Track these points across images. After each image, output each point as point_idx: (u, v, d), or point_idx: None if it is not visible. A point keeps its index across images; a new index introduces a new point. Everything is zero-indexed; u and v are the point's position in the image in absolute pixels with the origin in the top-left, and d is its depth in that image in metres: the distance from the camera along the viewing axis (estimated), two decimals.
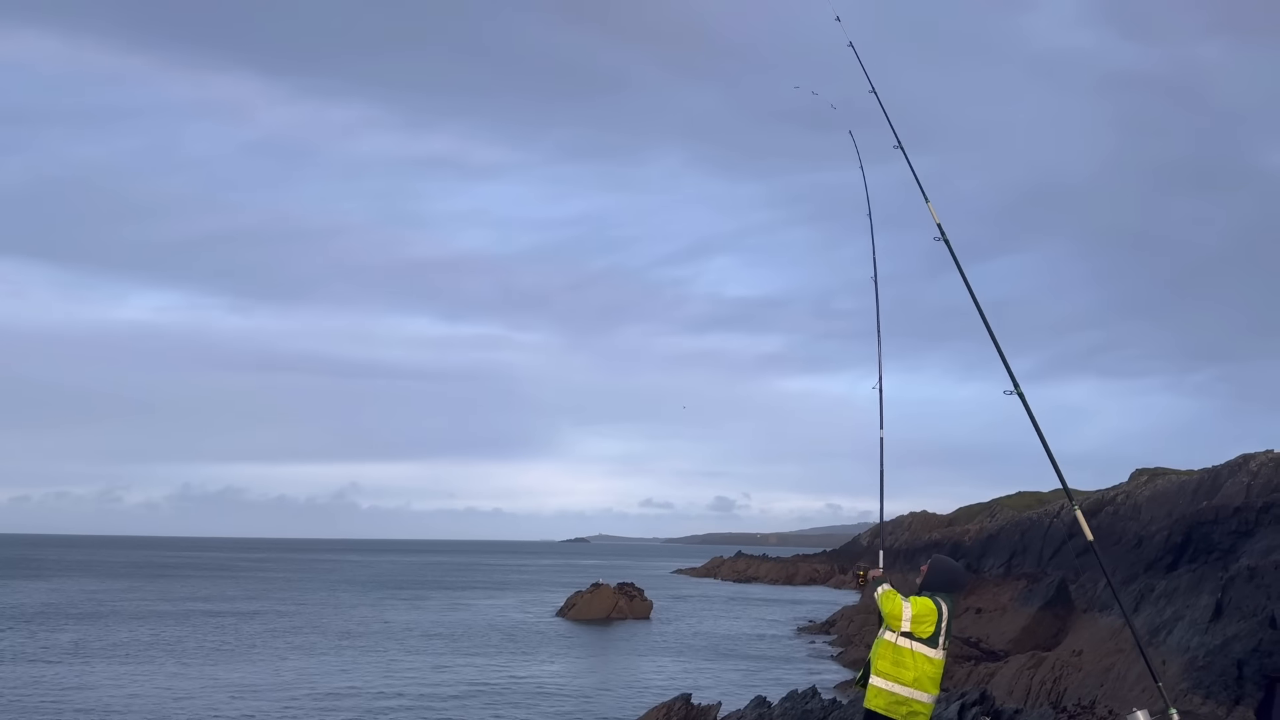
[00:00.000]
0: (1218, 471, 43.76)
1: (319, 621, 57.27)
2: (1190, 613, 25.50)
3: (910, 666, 7.91)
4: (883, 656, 8.01)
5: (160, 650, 42.52)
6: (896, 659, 7.95)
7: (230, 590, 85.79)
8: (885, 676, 7.95)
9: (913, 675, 7.89)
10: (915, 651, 7.91)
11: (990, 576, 56.69)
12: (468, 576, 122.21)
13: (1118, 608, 31.50)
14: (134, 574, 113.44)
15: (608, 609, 62.12)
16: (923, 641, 7.91)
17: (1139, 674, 25.76)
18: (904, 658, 7.93)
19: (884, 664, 7.98)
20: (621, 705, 30.06)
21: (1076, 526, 48.98)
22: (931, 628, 7.93)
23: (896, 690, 7.92)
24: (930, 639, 7.92)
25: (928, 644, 7.92)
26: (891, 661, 7.96)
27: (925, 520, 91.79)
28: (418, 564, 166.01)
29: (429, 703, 30.83)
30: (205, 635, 48.75)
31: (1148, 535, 42.62)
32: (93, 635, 47.92)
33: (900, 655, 7.93)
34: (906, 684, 7.90)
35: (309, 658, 40.89)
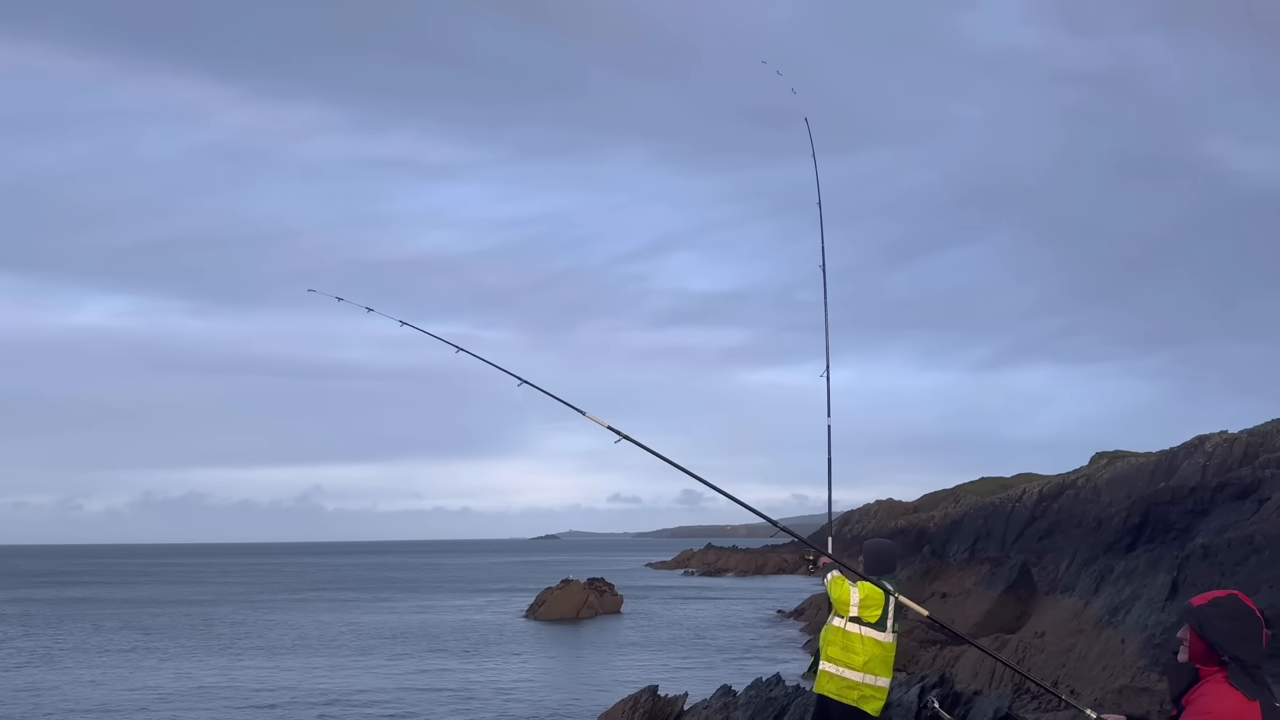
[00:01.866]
0: (1174, 453, 44.52)
1: (281, 625, 56.71)
2: (1148, 591, 25.92)
3: (860, 651, 7.99)
4: (832, 643, 8.09)
5: (118, 655, 41.89)
6: (846, 644, 8.04)
7: (192, 595, 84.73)
8: (835, 662, 8.04)
9: (863, 660, 7.97)
10: (864, 636, 8.02)
11: (955, 561, 57.30)
12: (436, 576, 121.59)
13: (1079, 589, 31.95)
14: (94, 582, 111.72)
15: (578, 605, 62.04)
16: (871, 626, 8.03)
17: (1099, 653, 26.16)
18: (853, 643, 8.02)
19: (834, 650, 8.07)
20: (590, 700, 30.04)
21: (1039, 510, 49.94)
22: (879, 611, 8.07)
23: (847, 675, 8.00)
24: (878, 623, 8.05)
25: (876, 628, 8.04)
26: (841, 647, 8.04)
27: (891, 508, 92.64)
28: (385, 565, 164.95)
29: (395, 705, 30.63)
30: (165, 640, 48.10)
31: (1107, 517, 43.28)
32: (54, 642, 47.12)
33: (849, 640, 8.03)
34: (857, 668, 7.98)
35: (270, 661, 40.46)
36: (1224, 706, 4.01)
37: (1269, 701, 4.04)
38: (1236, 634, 4.11)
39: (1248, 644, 4.12)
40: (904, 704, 15.12)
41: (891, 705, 15.31)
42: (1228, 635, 4.12)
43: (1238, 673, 4.07)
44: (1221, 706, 4.02)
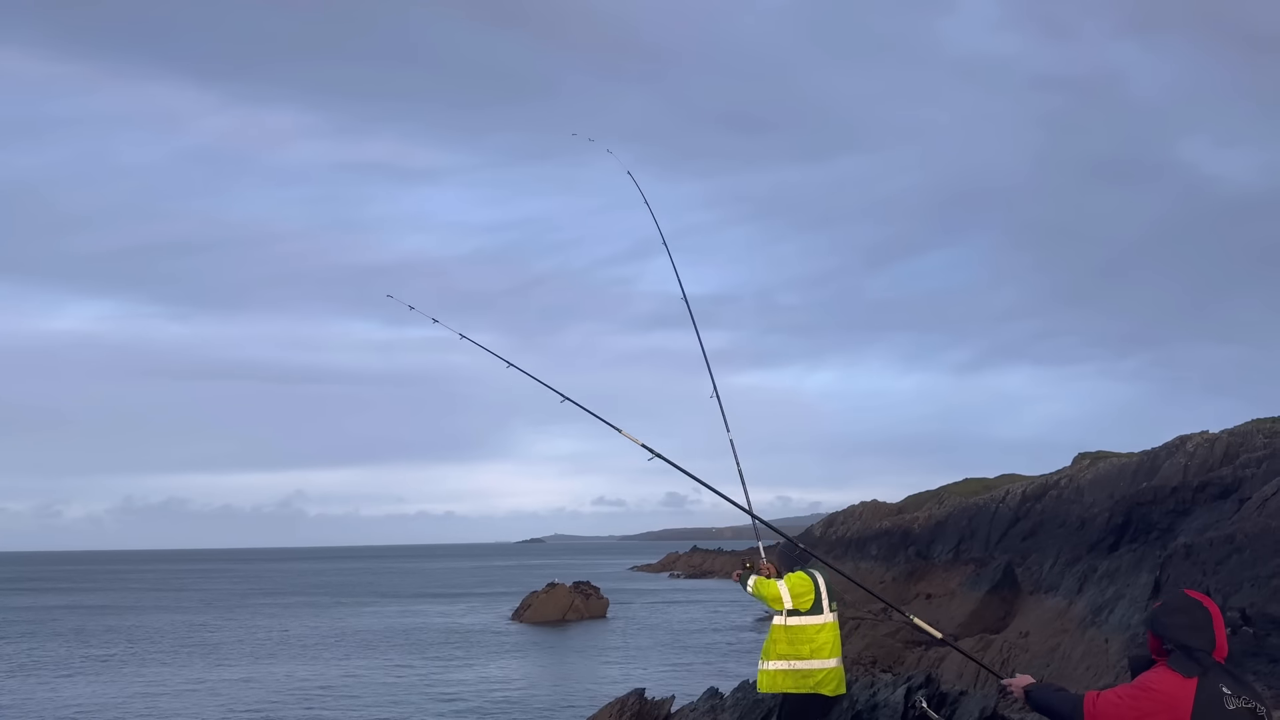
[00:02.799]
0: (1156, 453, 44.83)
1: (264, 630, 56.37)
2: (1130, 591, 26.10)
3: (804, 640, 8.29)
4: (777, 640, 8.38)
5: (100, 664, 41.55)
6: (790, 638, 8.32)
7: (174, 602, 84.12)
8: (784, 657, 8.33)
9: (809, 648, 8.28)
10: (805, 625, 8.32)
11: (939, 563, 57.50)
12: (420, 581, 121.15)
13: (1062, 589, 32.14)
14: (74, 589, 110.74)
15: (564, 609, 61.94)
16: (808, 613, 8.34)
17: (1083, 653, 26.32)
18: (796, 634, 8.31)
19: (781, 646, 8.35)
20: (577, 704, 29.99)
21: (1022, 510, 50.03)
22: (811, 597, 8.38)
23: (798, 666, 8.29)
24: (814, 607, 8.36)
25: (813, 613, 8.36)
26: (786, 642, 8.33)
27: (875, 509, 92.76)
28: (368, 570, 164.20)
29: (381, 709, 30.49)
30: (148, 647, 47.73)
31: (1090, 517, 43.53)
32: (34, 650, 46.69)
33: (792, 634, 8.31)
34: (805, 657, 8.28)
35: (254, 666, 40.21)
36: (1157, 680, 4.49)
37: (1211, 683, 4.43)
38: (1181, 624, 4.55)
39: (1194, 632, 4.52)
40: (890, 704, 15.15)
41: (879, 706, 15.35)
42: (1172, 626, 4.56)
43: (1179, 657, 4.50)
44: (1155, 679, 4.50)
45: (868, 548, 75.51)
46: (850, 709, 15.25)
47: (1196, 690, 4.39)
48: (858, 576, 68.26)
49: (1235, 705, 4.41)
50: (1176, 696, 4.41)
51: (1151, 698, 4.45)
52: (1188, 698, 4.39)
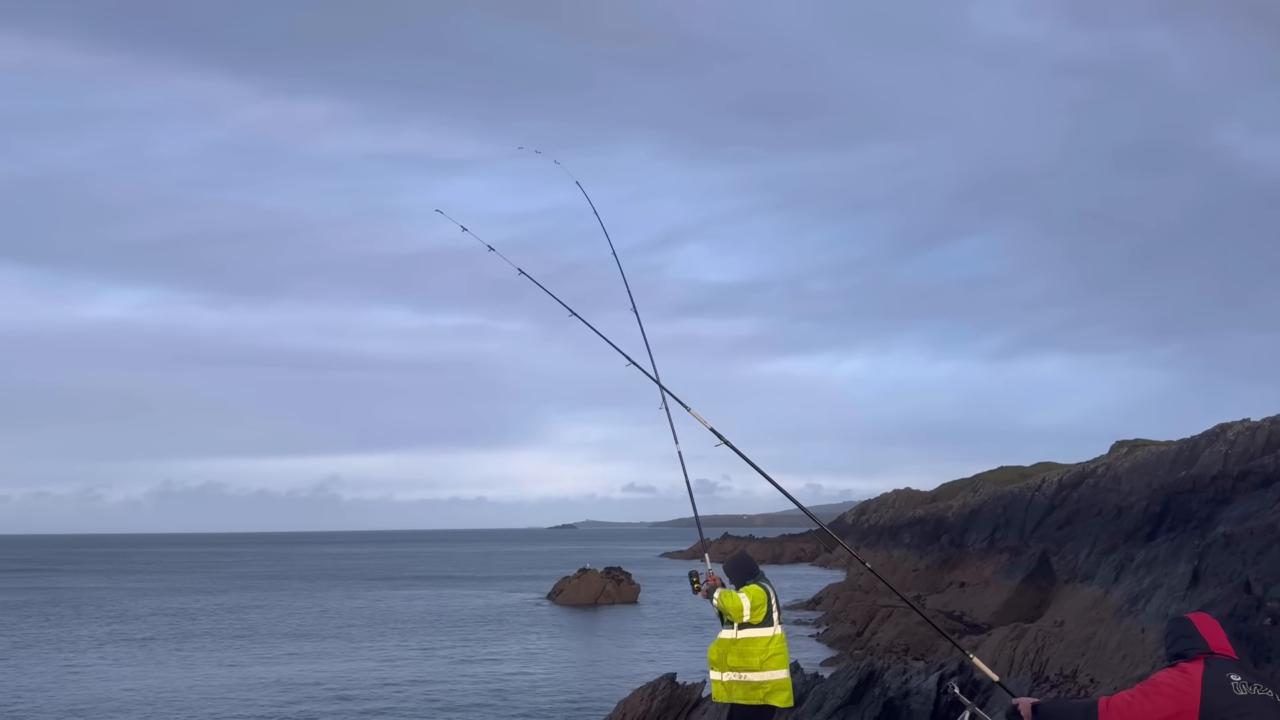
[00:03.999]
0: (1195, 442, 44.24)
1: (306, 612, 57.15)
2: (1168, 580, 25.76)
3: (756, 652, 8.40)
4: (727, 653, 8.49)
5: (148, 645, 42.35)
6: (741, 650, 8.43)
7: (213, 584, 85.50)
8: (736, 669, 8.44)
9: (760, 659, 8.39)
10: (755, 638, 8.43)
11: (973, 551, 57.12)
12: (454, 565, 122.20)
13: (1098, 578, 31.79)
14: (114, 572, 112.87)
15: (595, 593, 62.25)
16: (759, 626, 8.45)
17: (1119, 642, 26.04)
18: (748, 647, 8.42)
19: (733, 659, 8.46)
20: (609, 687, 30.16)
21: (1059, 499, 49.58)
22: (765, 609, 8.49)
23: (749, 678, 8.40)
24: (765, 620, 8.48)
25: (764, 626, 8.47)
26: (738, 654, 8.44)
27: (908, 497, 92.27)
28: (403, 554, 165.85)
29: (419, 689, 30.84)
30: (190, 629, 48.59)
31: (1127, 506, 43.01)
32: (78, 631, 47.69)
33: (744, 646, 8.43)
34: (756, 668, 8.39)
35: (292, 647, 40.80)
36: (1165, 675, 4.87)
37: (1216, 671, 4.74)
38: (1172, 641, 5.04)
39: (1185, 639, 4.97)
40: (922, 692, 15.13)
41: (910, 693, 15.33)
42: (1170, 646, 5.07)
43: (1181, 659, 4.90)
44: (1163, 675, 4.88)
45: (900, 536, 75.14)
46: (882, 696, 15.24)
47: (1203, 676, 4.72)
48: (890, 564, 67.96)
49: (1246, 691, 4.69)
50: (1183, 687, 4.72)
51: (1160, 691, 4.76)
52: (1195, 685, 4.71)
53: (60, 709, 28.21)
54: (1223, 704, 4.66)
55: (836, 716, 15.13)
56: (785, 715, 9.47)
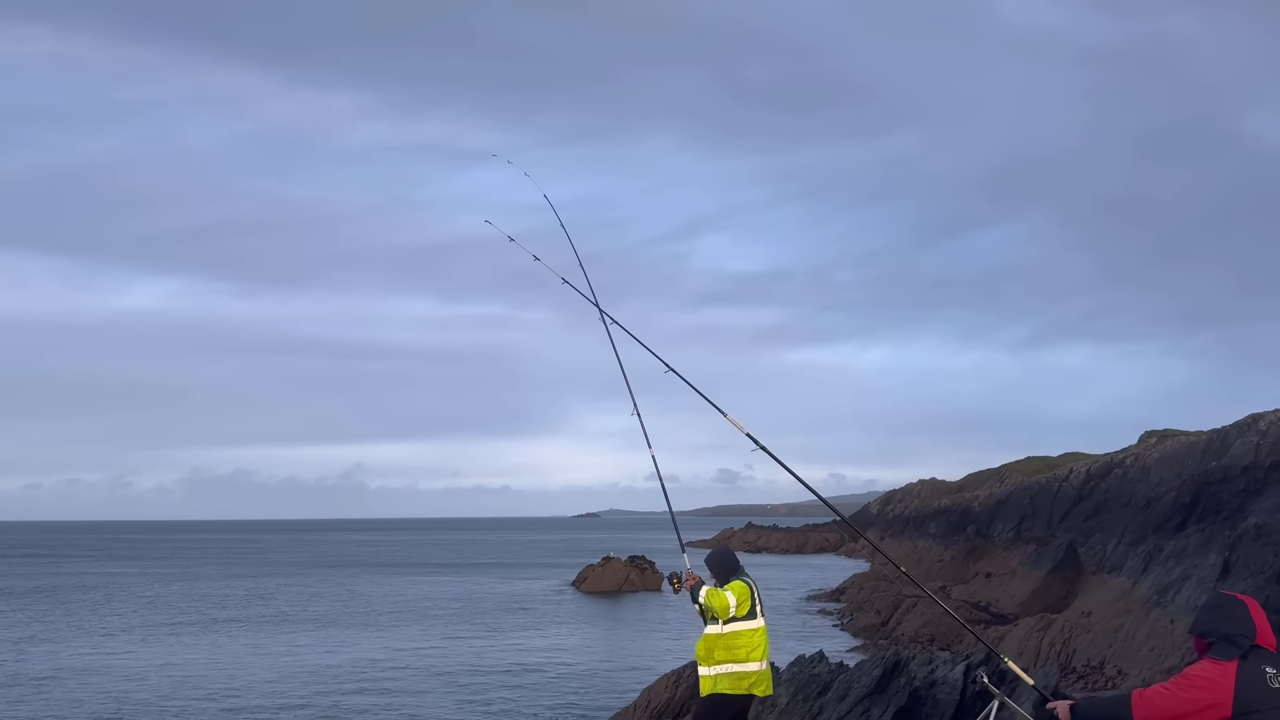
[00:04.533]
0: (1226, 432, 43.66)
1: (329, 598, 57.67)
2: (1198, 572, 25.49)
3: (743, 645, 8.82)
4: (714, 648, 8.89)
5: (178, 629, 42.90)
6: (728, 644, 8.84)
7: (242, 570, 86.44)
8: (723, 662, 8.86)
9: (745, 652, 8.81)
10: (740, 631, 8.84)
11: (999, 541, 56.77)
12: (479, 552, 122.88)
13: (1126, 569, 31.51)
14: (145, 558, 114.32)
15: (619, 582, 62.43)
16: (744, 619, 8.85)
17: (1147, 634, 25.80)
18: (734, 640, 8.83)
19: (720, 653, 8.87)
20: (633, 674, 30.25)
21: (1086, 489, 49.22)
22: (749, 604, 8.90)
23: (735, 669, 8.82)
24: (750, 614, 8.88)
25: (748, 619, 8.87)
26: (724, 648, 8.85)
27: (934, 487, 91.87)
28: (428, 541, 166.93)
29: (444, 675, 31.05)
30: (219, 615, 49.16)
31: (1156, 496, 42.60)
32: (110, 616, 48.36)
33: (730, 640, 8.83)
34: (743, 660, 8.81)
35: (320, 633, 41.19)
36: (1199, 668, 4.79)
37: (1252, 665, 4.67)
38: (1218, 617, 4.86)
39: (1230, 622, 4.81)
40: (949, 681, 15.04)
41: (936, 683, 15.25)
42: (1210, 620, 4.90)
43: (1220, 646, 4.76)
44: (1197, 668, 4.80)
45: (926, 526, 74.81)
46: (908, 685, 15.17)
47: (1237, 671, 4.63)
48: (915, 555, 67.61)
49: None
50: (1218, 680, 4.65)
51: (1194, 684, 4.70)
52: (1229, 680, 4.64)
53: (92, 690, 28.64)
54: (1258, 696, 4.58)
55: (861, 706, 15.08)
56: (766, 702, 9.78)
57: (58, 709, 26.46)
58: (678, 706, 19.37)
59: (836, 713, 15.26)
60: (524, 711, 25.71)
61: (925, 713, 14.69)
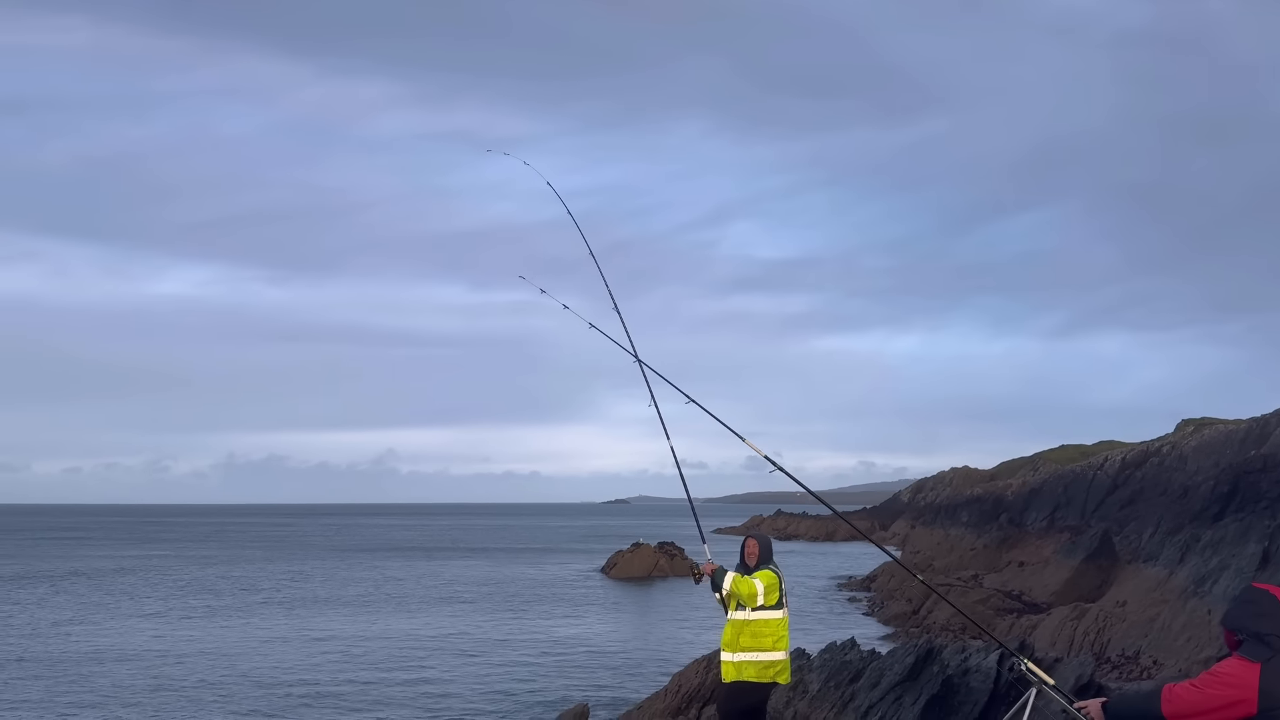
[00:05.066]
0: (1266, 420, 43.03)
1: (363, 582, 58.27)
2: (1236, 561, 25.17)
3: (768, 633, 9.01)
4: (740, 634, 9.06)
5: (213, 611, 43.55)
6: (754, 631, 9.01)
7: (274, 554, 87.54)
8: (748, 649, 9.03)
9: (771, 640, 9.01)
10: (768, 619, 9.03)
11: (1033, 530, 56.32)
12: (509, 538, 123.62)
13: (1163, 558, 31.16)
14: (182, 541, 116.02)
15: (649, 567, 62.60)
16: (771, 608, 9.05)
17: (1184, 624, 25.52)
18: (760, 628, 9.01)
19: (745, 640, 9.03)
20: (663, 660, 30.35)
21: (1121, 478, 48.61)
22: (777, 594, 9.08)
23: (760, 658, 8.99)
24: (776, 604, 9.07)
25: (775, 609, 9.07)
26: (750, 635, 9.01)
27: (966, 475, 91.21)
28: (458, 526, 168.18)
29: (474, 658, 31.31)
30: (254, 597, 49.83)
31: (1194, 485, 42.06)
32: (149, 598, 49.17)
33: (756, 627, 9.01)
34: (768, 649, 8.99)
35: (355, 615, 41.64)
36: (1226, 666, 4.77)
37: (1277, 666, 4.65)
38: (1248, 613, 4.82)
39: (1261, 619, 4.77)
40: (982, 670, 14.97)
41: (970, 670, 15.17)
42: (1240, 615, 4.85)
43: (1250, 645, 4.75)
44: (1224, 665, 4.78)
45: (958, 514, 74.33)
46: (941, 673, 15.11)
47: (1261, 673, 4.65)
48: (947, 543, 66.97)
49: None
50: (1244, 678, 4.66)
51: (1221, 681, 4.71)
52: (1254, 678, 4.65)
53: (132, 670, 29.16)
54: None
55: (894, 693, 15.04)
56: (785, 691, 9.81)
57: (100, 689, 26.97)
58: (708, 692, 19.41)
59: (869, 700, 15.23)
60: (555, 693, 25.87)
61: (958, 701, 14.63)
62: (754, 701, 9.21)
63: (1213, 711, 4.71)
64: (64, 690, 26.73)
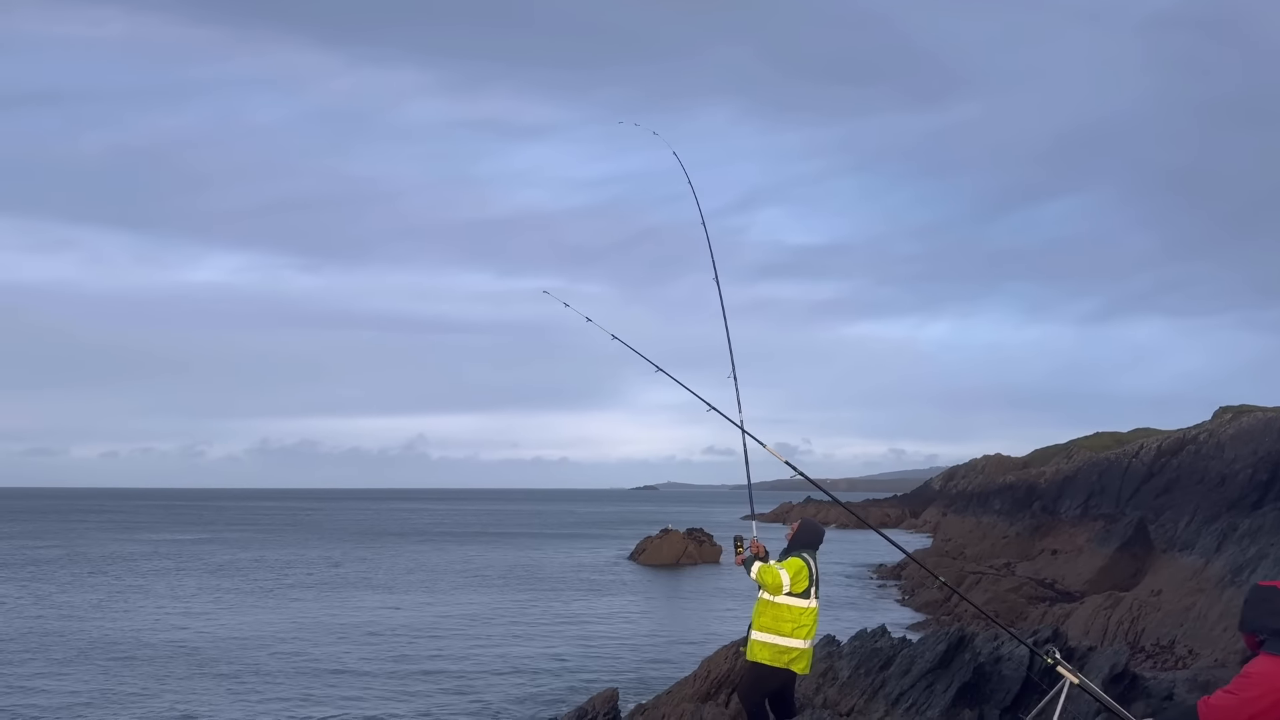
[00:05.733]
0: None
1: (396, 566, 58.77)
2: (1275, 551, 24.76)
3: (788, 619, 9.01)
4: (762, 614, 9.11)
5: (247, 594, 44.10)
6: (776, 615, 9.03)
7: (307, 538, 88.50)
8: (766, 631, 9.06)
9: (791, 627, 9.01)
10: (792, 606, 9.03)
11: (1066, 518, 55.77)
12: (538, 523, 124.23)
13: (1199, 547, 30.73)
14: (217, 525, 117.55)
15: (677, 554, 62.65)
16: (799, 596, 9.02)
17: (1220, 614, 25.15)
18: (782, 613, 9.02)
19: (765, 620, 9.08)
20: (691, 645, 30.36)
21: (1157, 466, 48.08)
22: (805, 583, 9.04)
23: (778, 641, 9.02)
24: (804, 593, 9.03)
25: (802, 598, 9.03)
26: (771, 618, 9.04)
27: (999, 463, 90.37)
28: (488, 511, 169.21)
29: (503, 641, 31.48)
30: (288, 579, 50.41)
31: (1231, 474, 41.45)
32: (185, 581, 49.89)
33: (779, 611, 9.03)
34: (786, 635, 9.01)
35: (387, 597, 42.01)
36: (1254, 665, 4.75)
37: None
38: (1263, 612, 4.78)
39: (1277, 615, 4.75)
40: (1015, 658, 14.81)
41: (1002, 659, 15.02)
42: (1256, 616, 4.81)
43: (1273, 641, 4.71)
44: (1253, 666, 4.76)
45: (990, 502, 73.76)
46: (972, 661, 14.97)
47: None
48: (979, 531, 66.36)
49: None
50: (1269, 672, 4.64)
51: (1252, 682, 4.69)
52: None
53: (168, 652, 29.58)
54: None
55: (924, 680, 14.93)
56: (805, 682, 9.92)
57: (136, 671, 27.38)
58: (737, 677, 19.37)
59: (899, 687, 15.13)
60: (583, 678, 25.95)
61: (990, 689, 14.49)
62: (770, 686, 9.20)
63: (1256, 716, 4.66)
64: (100, 673, 27.15)
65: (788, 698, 9.47)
